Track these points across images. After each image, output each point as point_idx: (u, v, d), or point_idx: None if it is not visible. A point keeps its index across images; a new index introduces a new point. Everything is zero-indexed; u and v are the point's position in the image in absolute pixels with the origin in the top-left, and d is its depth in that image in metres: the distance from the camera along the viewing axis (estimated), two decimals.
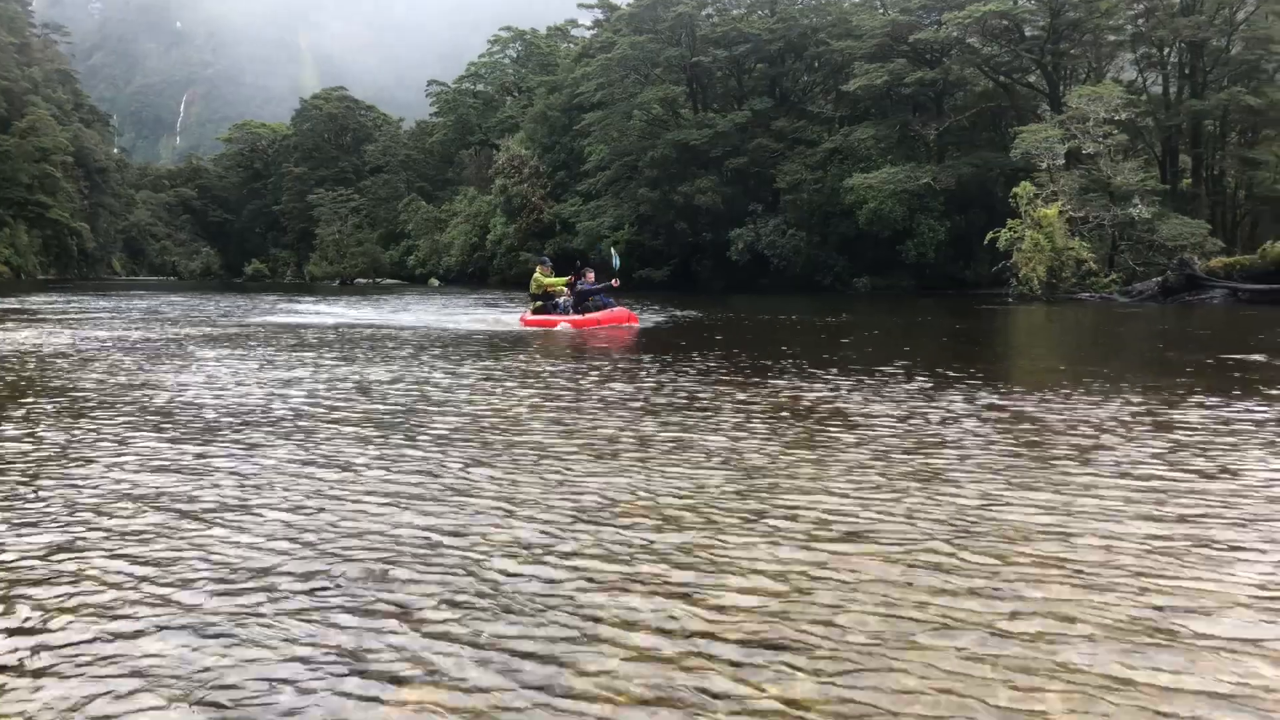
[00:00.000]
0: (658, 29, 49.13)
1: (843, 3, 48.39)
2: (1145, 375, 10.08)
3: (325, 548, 3.74)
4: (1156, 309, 24.56)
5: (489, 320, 20.37)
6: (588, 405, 7.49)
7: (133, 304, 27.91)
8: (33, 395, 7.99)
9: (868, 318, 21.80)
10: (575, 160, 57.03)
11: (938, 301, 30.79)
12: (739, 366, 10.49)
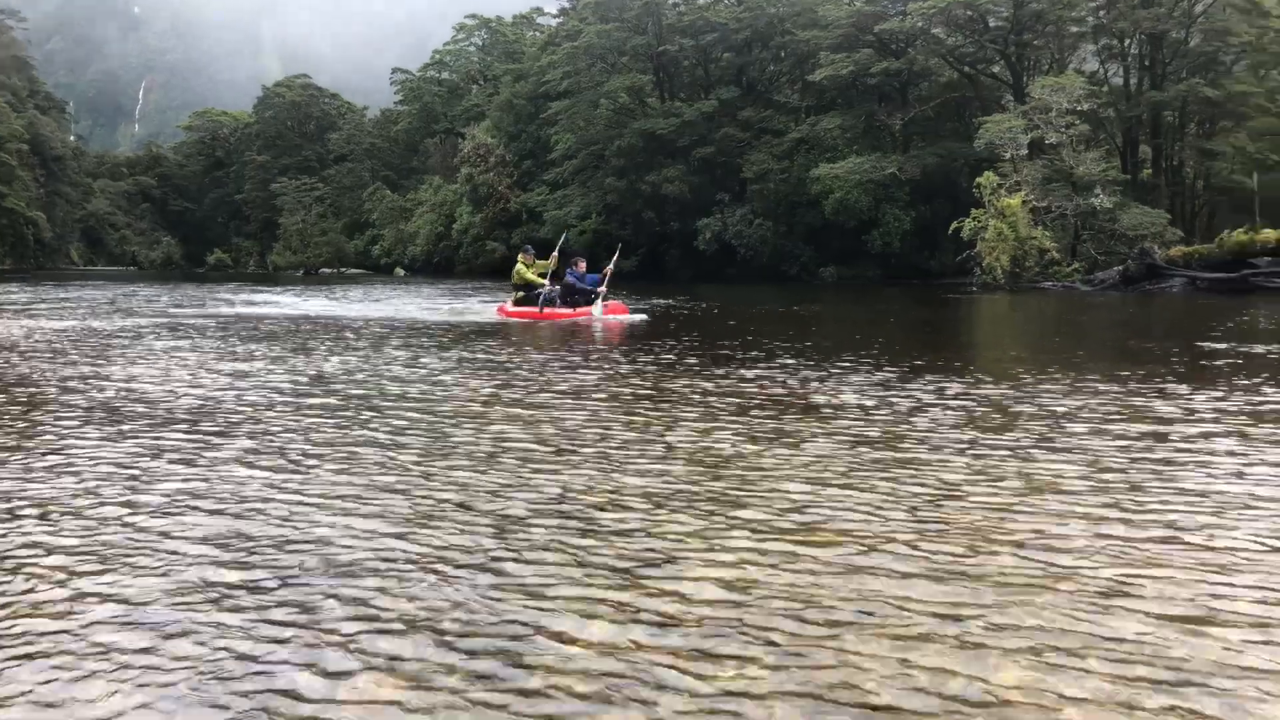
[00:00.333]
0: (624, 17, 48.94)
1: None
2: (1109, 364, 10.17)
3: (272, 543, 3.66)
4: (1118, 298, 24.86)
5: (460, 311, 19.91)
6: (549, 397, 7.42)
7: (90, 294, 27.43)
8: None
9: (834, 308, 21.89)
10: (542, 149, 56.76)
11: (903, 291, 31.00)
12: (706, 356, 10.45)
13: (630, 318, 16.38)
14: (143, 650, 2.66)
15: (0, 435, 5.71)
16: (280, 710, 2.33)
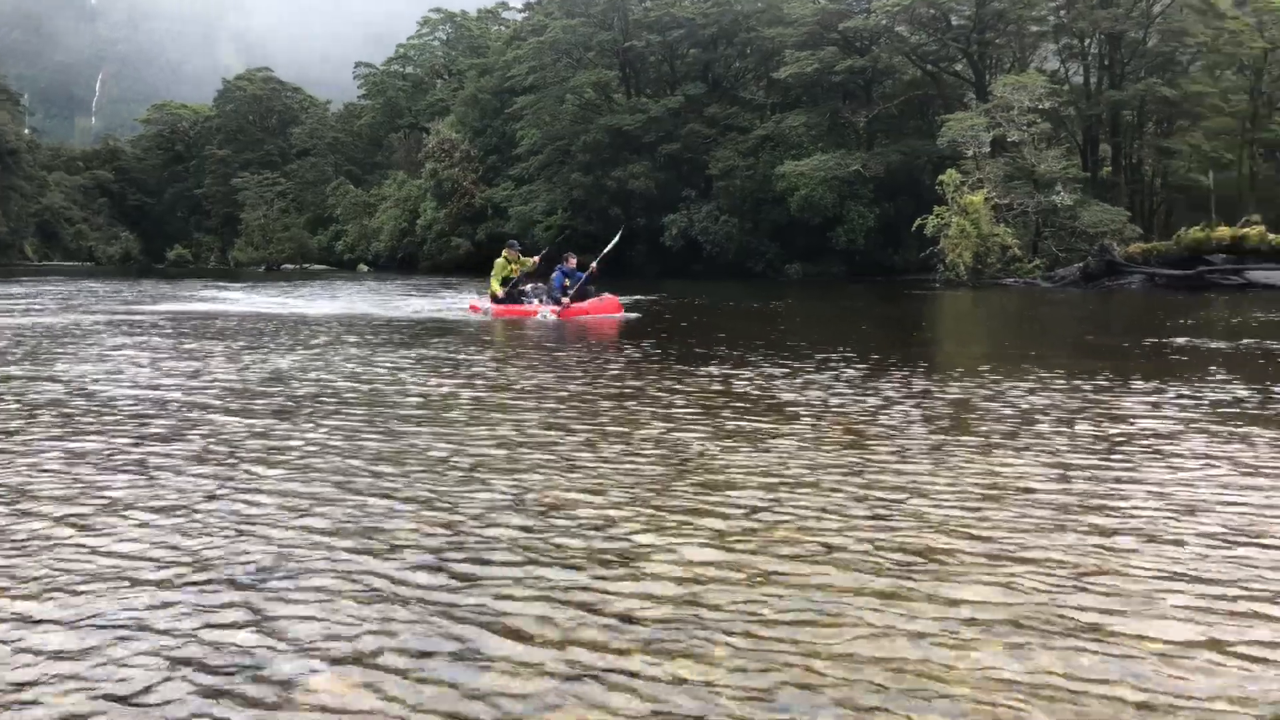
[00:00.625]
0: (590, 12, 48.81)
1: None
2: (1072, 360, 10.28)
3: (221, 544, 3.59)
4: (1078, 294, 25.19)
5: (430, 308, 19.54)
6: (507, 397, 7.37)
7: (43, 290, 26.91)
8: None
9: (801, 305, 21.98)
10: (507, 144, 56.47)
11: (868, 288, 31.22)
12: (670, 353, 10.44)
13: (624, 315, 15.88)
14: (89, 650, 2.60)
15: None
16: (231, 716, 2.28)
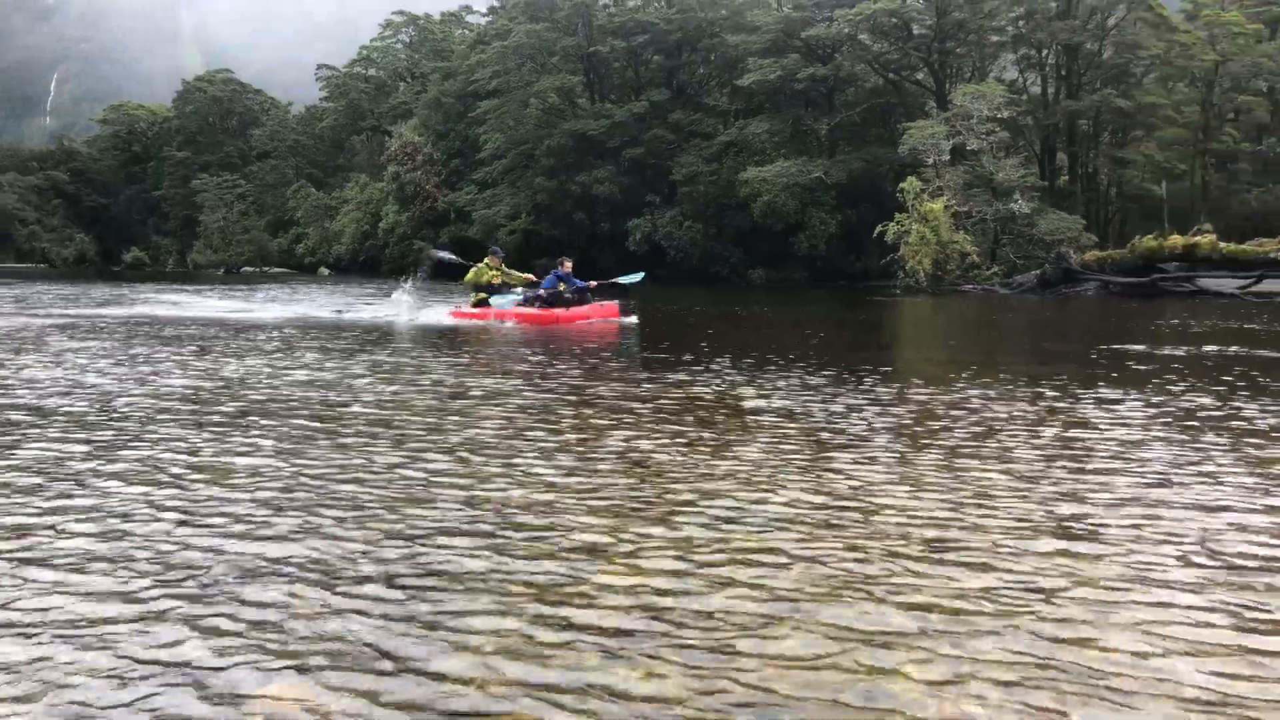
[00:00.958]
0: (554, 17, 48.78)
1: None
2: (1030, 367, 10.43)
3: (166, 555, 3.54)
4: (1036, 300, 25.55)
5: (393, 313, 19.18)
6: (466, 403, 7.34)
7: None
8: None
9: (763, 310, 22.08)
10: (470, 148, 56.25)
11: (830, 293, 31.44)
12: (633, 359, 10.46)
13: (627, 320, 15.49)
14: (34, 661, 2.56)
15: None
16: (193, 713, 2.26)
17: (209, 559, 3.43)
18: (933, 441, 5.58)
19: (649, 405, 6.91)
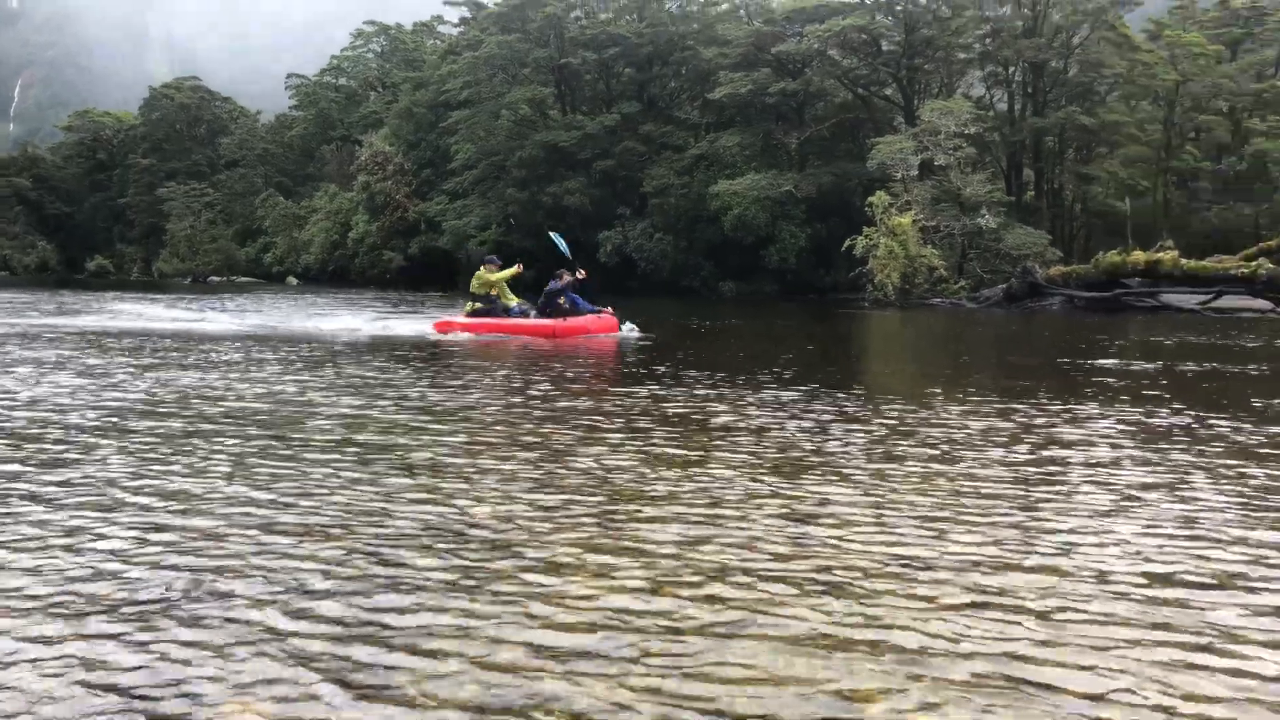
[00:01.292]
0: (526, 29, 48.80)
1: (709, 11, 49.16)
2: (997, 381, 10.52)
3: (117, 572, 3.48)
4: (1002, 314, 25.83)
5: (370, 325, 18.45)
6: (430, 418, 7.29)
7: None
8: None
9: (734, 323, 22.14)
10: (441, 158, 56.08)
11: (800, 306, 31.62)
12: (602, 373, 10.44)
13: (626, 335, 14.87)
14: None
15: None
16: None
17: (164, 576, 3.37)
18: (902, 458, 5.60)
19: (618, 420, 6.90)
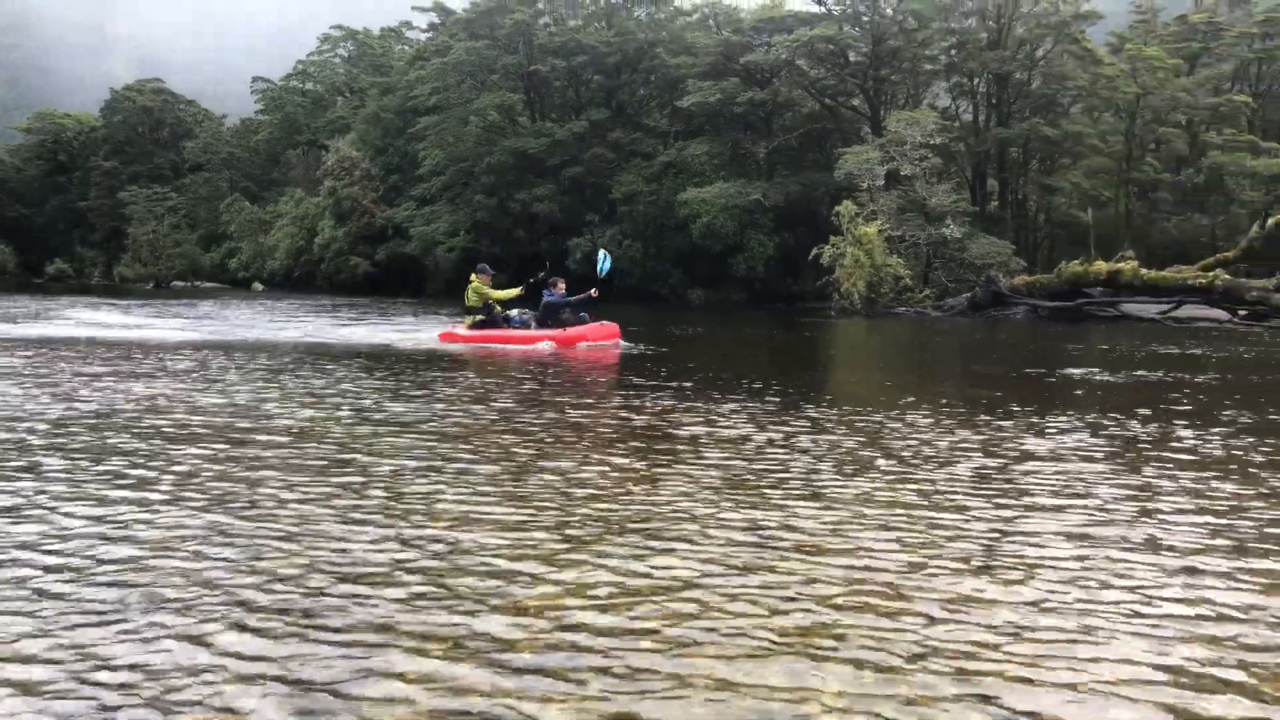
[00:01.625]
0: (495, 35, 48.68)
1: (677, 20, 49.31)
2: (962, 390, 10.60)
3: (67, 588, 3.41)
4: (966, 323, 26.07)
5: (352, 334, 17.94)
6: (390, 429, 7.23)
7: None
8: None
9: (703, 331, 22.18)
10: (409, 164, 55.76)
11: (767, 315, 31.74)
12: (566, 383, 10.40)
13: (621, 343, 14.80)
14: None
15: None
16: None
17: (117, 592, 3.31)
18: (868, 472, 5.62)
19: (583, 431, 6.87)
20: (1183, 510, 4.64)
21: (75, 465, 5.27)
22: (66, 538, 3.90)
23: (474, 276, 16.20)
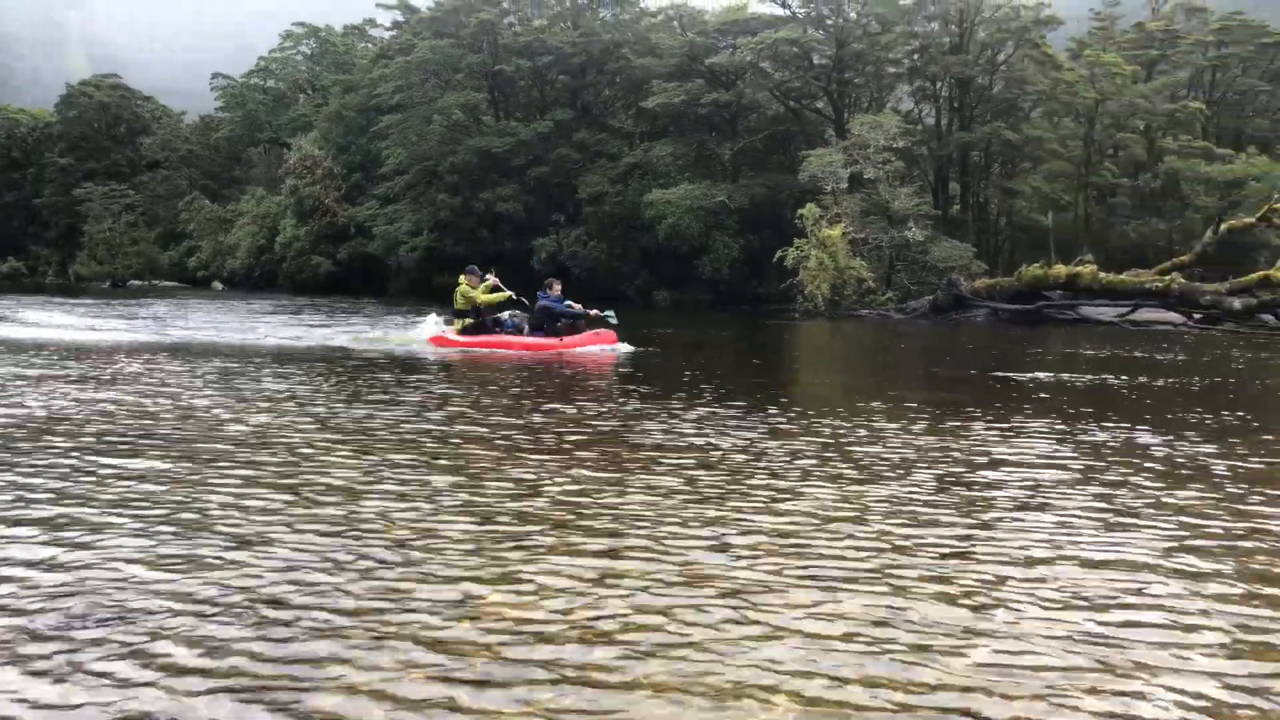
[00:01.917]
0: (459, 34, 48.40)
1: (642, 21, 49.30)
2: (924, 393, 10.66)
3: (18, 598, 3.31)
4: (928, 326, 26.30)
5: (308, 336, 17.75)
6: (350, 434, 7.14)
7: None
8: None
9: (671, 332, 22.18)
10: (372, 163, 55.30)
11: (733, 317, 31.83)
12: (530, 386, 10.33)
13: (618, 348, 14.58)
14: None
15: None
16: None
17: (69, 598, 3.21)
18: (831, 477, 5.61)
19: (543, 437, 6.81)
20: (1142, 514, 4.68)
21: (15, 474, 5.13)
22: (4, 548, 3.78)
23: (461, 278, 15.89)
